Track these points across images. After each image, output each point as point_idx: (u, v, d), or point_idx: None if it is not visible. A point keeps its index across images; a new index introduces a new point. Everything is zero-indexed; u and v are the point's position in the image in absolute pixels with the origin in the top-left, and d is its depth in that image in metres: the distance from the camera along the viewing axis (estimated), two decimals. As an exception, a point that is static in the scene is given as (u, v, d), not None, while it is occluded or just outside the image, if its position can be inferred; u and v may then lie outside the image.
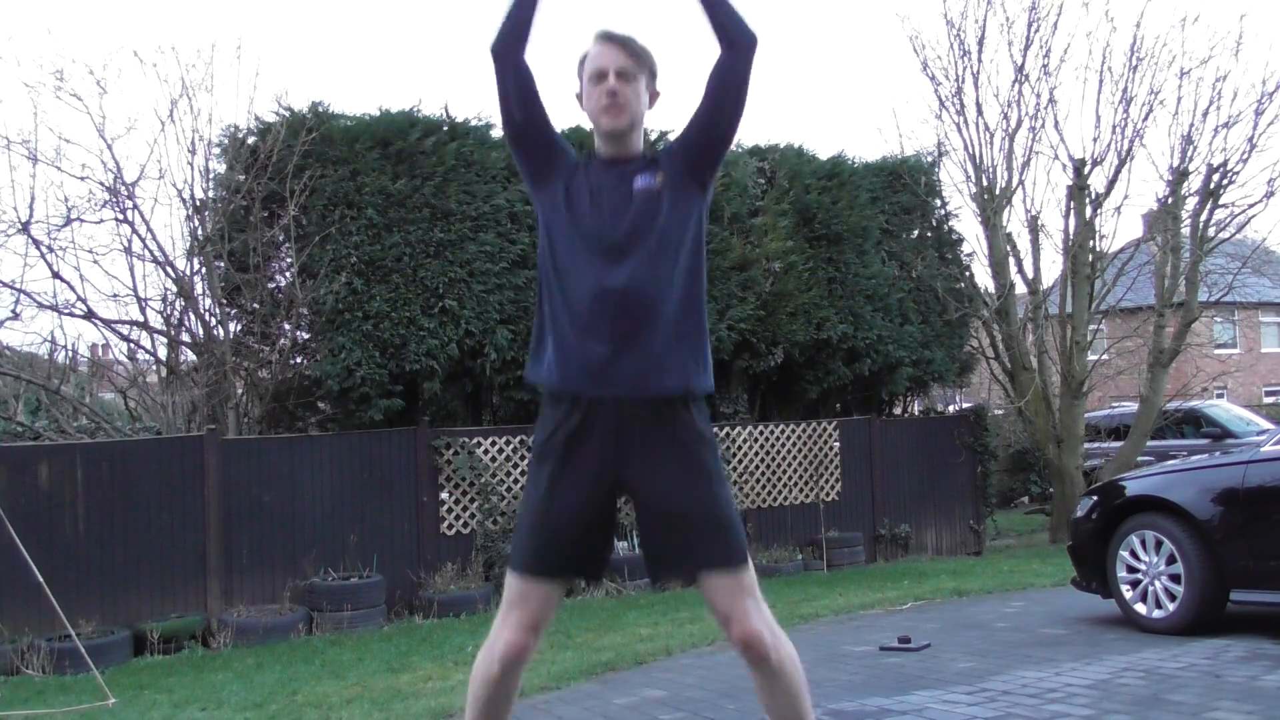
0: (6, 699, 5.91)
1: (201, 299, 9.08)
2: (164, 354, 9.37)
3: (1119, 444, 12.95)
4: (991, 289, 12.61)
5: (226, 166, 9.09)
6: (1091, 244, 12.23)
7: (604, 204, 2.48)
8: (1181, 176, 11.98)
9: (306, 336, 9.24)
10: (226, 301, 9.09)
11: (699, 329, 2.49)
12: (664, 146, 2.62)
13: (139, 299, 8.97)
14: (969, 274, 12.71)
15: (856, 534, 10.86)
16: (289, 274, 9.05)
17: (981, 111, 12.31)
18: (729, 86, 2.48)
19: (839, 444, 11.00)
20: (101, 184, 8.77)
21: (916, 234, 12.30)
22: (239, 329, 9.34)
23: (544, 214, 2.55)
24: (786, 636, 2.44)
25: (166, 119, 8.91)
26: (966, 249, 12.75)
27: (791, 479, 10.66)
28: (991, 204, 12.23)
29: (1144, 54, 11.85)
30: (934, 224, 12.54)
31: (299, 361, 9.26)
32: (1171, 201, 12.10)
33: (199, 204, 9.04)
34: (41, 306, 8.69)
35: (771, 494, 10.51)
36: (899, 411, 12.84)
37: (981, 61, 12.29)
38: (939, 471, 11.74)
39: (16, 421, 8.93)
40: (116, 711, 5.32)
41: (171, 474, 7.87)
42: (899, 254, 11.78)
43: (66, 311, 8.79)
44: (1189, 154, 11.86)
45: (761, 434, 10.49)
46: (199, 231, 9.02)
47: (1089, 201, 12.15)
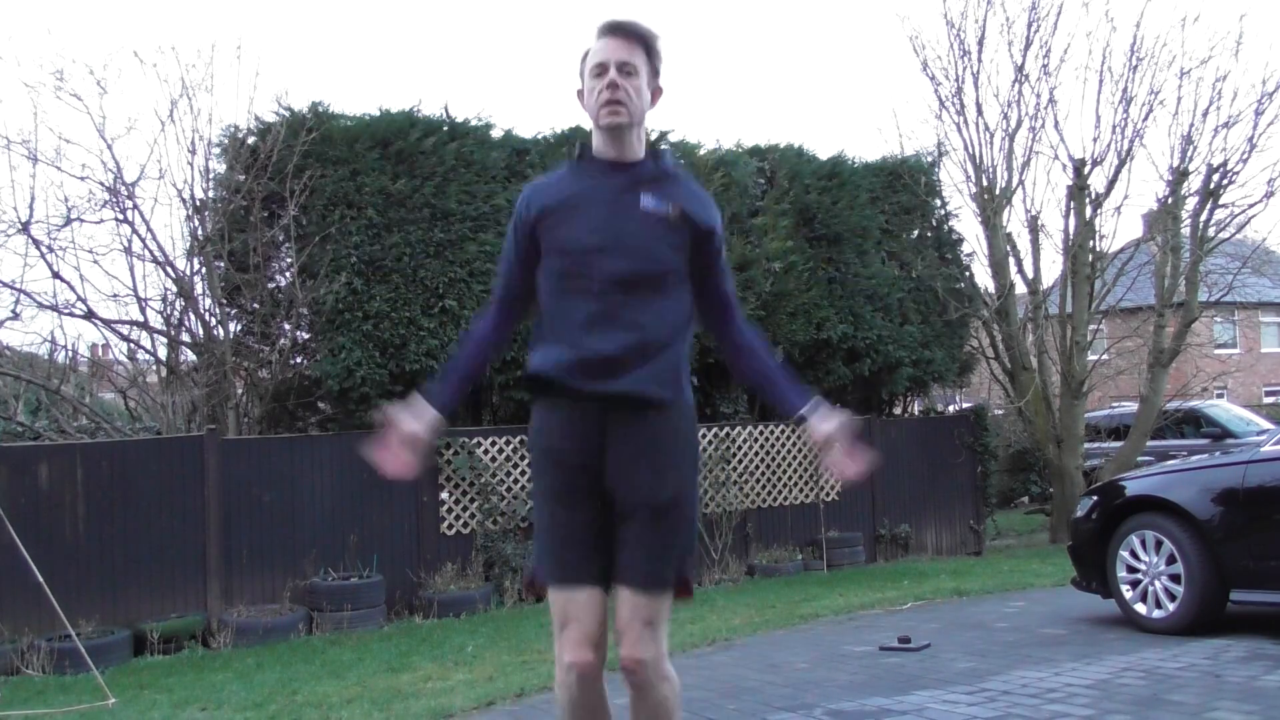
0: (6, 699, 5.91)
1: (201, 299, 9.08)
2: (164, 354, 9.36)
3: (1119, 444, 12.95)
4: (991, 289, 12.61)
5: (226, 166, 9.08)
6: (1091, 244, 12.23)
7: (601, 210, 2.47)
8: (1181, 176, 11.98)
9: (306, 336, 9.23)
10: (226, 301, 9.09)
11: (685, 339, 2.53)
12: (687, 185, 2.56)
13: (139, 299, 8.97)
14: (969, 274, 12.71)
15: (856, 534, 10.86)
16: (289, 274, 9.05)
17: (981, 111, 12.33)
18: (715, 330, 2.63)
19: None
20: (101, 184, 8.77)
21: (916, 234, 12.30)
22: (239, 329, 9.33)
23: (543, 242, 2.59)
24: (673, 672, 2.47)
25: (166, 119, 8.92)
26: (966, 249, 12.77)
27: (791, 479, 10.66)
28: (991, 204, 12.23)
29: (1144, 54, 11.87)
30: (934, 224, 12.54)
31: (299, 361, 9.26)
32: (1171, 201, 12.10)
33: (199, 204, 9.04)
34: (41, 306, 8.69)
35: (771, 494, 10.51)
36: (899, 411, 12.84)
37: (981, 61, 12.31)
38: (939, 471, 11.74)
39: (16, 421, 8.93)
40: (116, 711, 5.32)
41: (171, 474, 7.87)
42: (899, 254, 11.78)
43: (66, 311, 8.79)
44: (1189, 154, 11.87)
45: (761, 434, 10.49)
46: (199, 231, 9.02)
47: (1089, 201, 12.15)
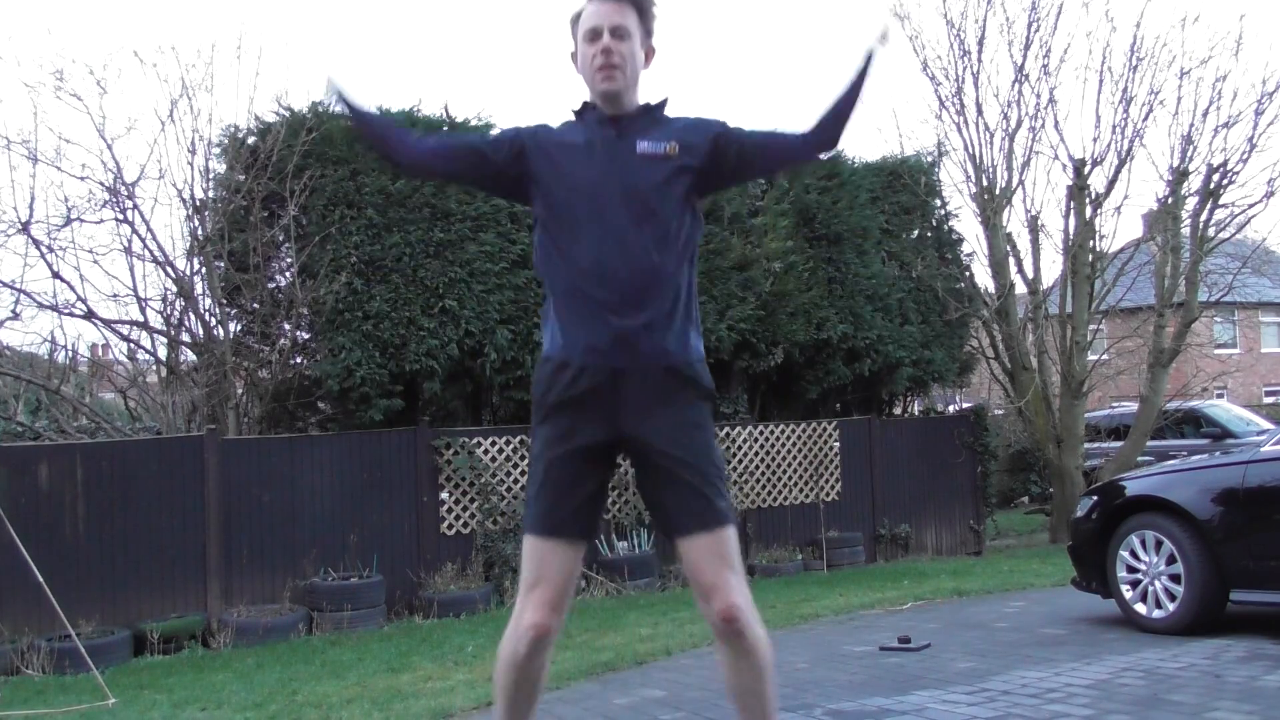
0: (6, 699, 5.91)
1: (201, 299, 9.08)
2: (164, 354, 9.36)
3: (1119, 444, 12.95)
4: (991, 289, 12.60)
5: (226, 166, 9.08)
6: (1091, 244, 12.23)
7: (598, 160, 2.44)
8: (1181, 176, 11.98)
9: (306, 336, 9.24)
10: (226, 301, 9.09)
11: (692, 295, 2.51)
12: (677, 120, 2.53)
13: (139, 299, 8.97)
14: (969, 274, 12.71)
15: (856, 534, 10.86)
16: (289, 274, 9.05)
17: (981, 111, 12.32)
18: (786, 161, 2.60)
19: (839, 444, 11.00)
20: (101, 184, 8.78)
21: (916, 234, 12.31)
22: (239, 329, 9.33)
23: (538, 194, 2.51)
24: (760, 618, 2.45)
25: (166, 119, 8.92)
26: (966, 249, 12.78)
27: (791, 479, 10.66)
28: (991, 204, 12.23)
29: (1144, 54, 11.86)
30: (934, 224, 12.54)
31: (299, 361, 9.26)
32: (1171, 201, 12.10)
33: (199, 204, 9.04)
34: (41, 306, 8.69)
35: (771, 494, 10.51)
36: (899, 411, 12.85)
37: (981, 61, 12.30)
38: (939, 471, 11.74)
39: (16, 421, 8.93)
40: (116, 711, 5.32)
41: (171, 474, 7.87)
42: (899, 254, 11.78)
43: (66, 311, 8.79)
44: (1189, 154, 11.87)
45: (761, 434, 10.49)
46: (199, 231, 9.02)
47: (1089, 201, 12.15)
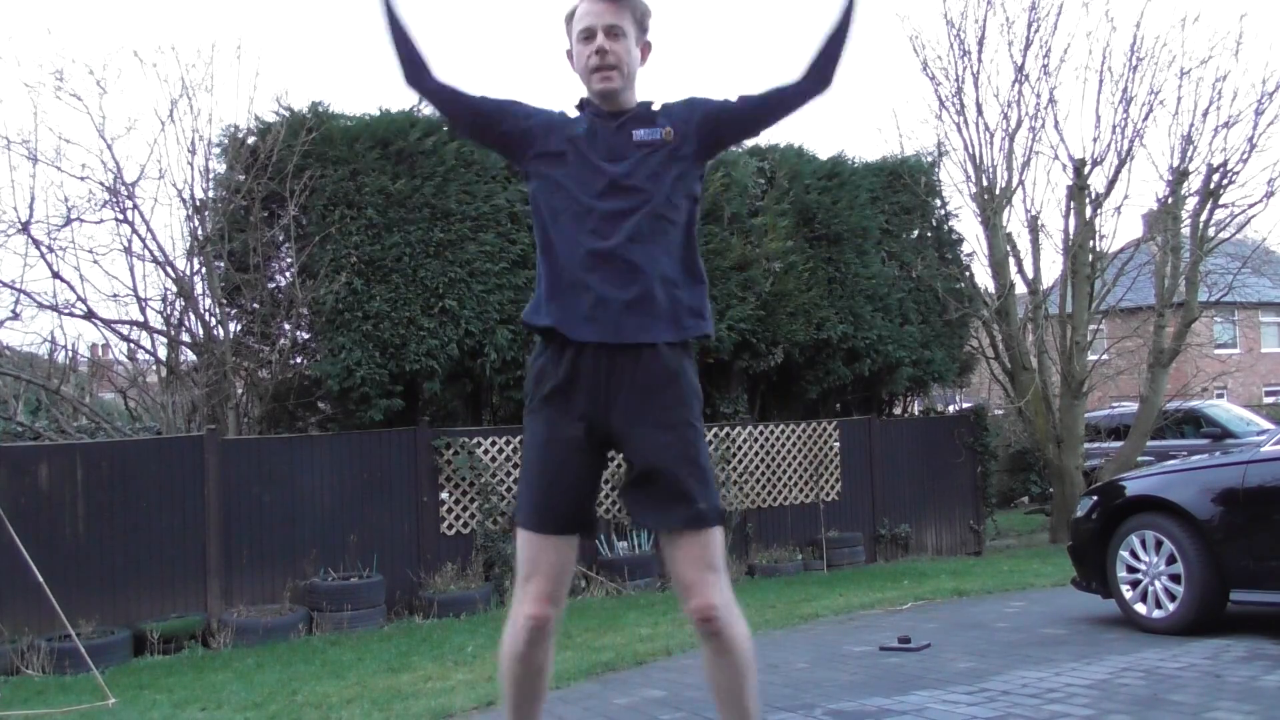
0: (6, 699, 5.91)
1: (201, 299, 9.08)
2: (164, 354, 9.37)
3: (1119, 444, 12.95)
4: (991, 289, 12.60)
5: (226, 166, 9.08)
6: (1091, 244, 12.23)
7: (598, 150, 2.45)
8: (1181, 176, 11.98)
9: (306, 336, 9.24)
10: (226, 301, 9.09)
11: (695, 277, 2.49)
12: (671, 106, 2.56)
13: (139, 299, 8.98)
14: (969, 274, 12.71)
15: (856, 534, 10.86)
16: (289, 274, 9.05)
17: (981, 111, 12.32)
18: (785, 108, 2.55)
19: (839, 444, 11.00)
20: (101, 184, 8.78)
21: (916, 234, 12.30)
22: (239, 329, 9.33)
23: (535, 174, 2.52)
24: (741, 615, 2.45)
25: (166, 119, 8.92)
26: (966, 249, 12.77)
27: (791, 479, 10.65)
28: (991, 204, 12.23)
29: (1144, 54, 11.87)
30: (934, 224, 12.54)
31: (299, 361, 9.26)
32: (1171, 201, 12.10)
33: (199, 204, 9.04)
34: (41, 306, 8.70)
35: (771, 494, 10.51)
36: (899, 411, 12.84)
37: (981, 61, 12.31)
38: (939, 471, 11.74)
39: (16, 421, 8.93)
40: (116, 711, 5.32)
41: (171, 474, 7.87)
42: (899, 254, 11.78)
43: (66, 311, 8.80)
44: (1189, 154, 11.87)
45: (761, 434, 10.49)
46: (199, 231, 9.02)
47: (1089, 201, 12.15)
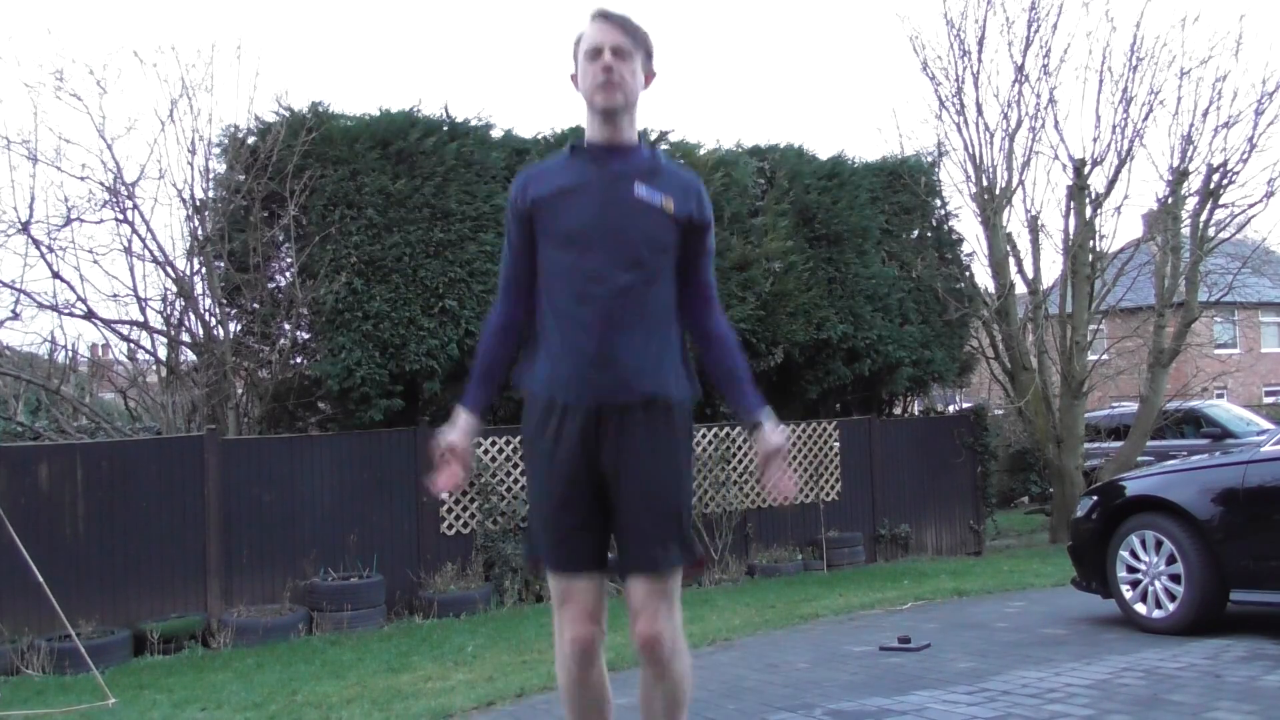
0: (6, 699, 5.91)
1: (201, 299, 9.08)
2: (164, 354, 9.37)
3: (1119, 444, 12.94)
4: (991, 289, 12.60)
5: (226, 166, 9.09)
6: (1091, 244, 12.22)
7: (594, 196, 2.47)
8: (1181, 176, 11.98)
9: (306, 336, 9.24)
10: (226, 301, 9.09)
11: (678, 339, 2.54)
12: (674, 173, 2.57)
13: (139, 299, 8.98)
14: (969, 274, 12.71)
15: (856, 534, 10.86)
16: (289, 274, 9.05)
17: (981, 111, 12.31)
18: (689, 312, 2.60)
19: (839, 444, 11.00)
20: (101, 184, 8.78)
21: (916, 234, 12.30)
22: (239, 329, 9.33)
23: (536, 230, 2.58)
24: (687, 650, 2.51)
25: (166, 119, 8.93)
26: (966, 249, 12.76)
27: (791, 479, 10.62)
28: (991, 204, 12.23)
29: (1144, 54, 11.85)
30: (934, 224, 12.54)
31: (299, 361, 9.26)
32: (1171, 201, 12.09)
33: (199, 204, 9.04)
34: (41, 306, 8.70)
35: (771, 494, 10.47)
36: (899, 411, 12.84)
37: (981, 61, 12.30)
38: (939, 471, 11.74)
39: (16, 421, 8.94)
40: (116, 711, 5.32)
41: (171, 474, 7.87)
42: (899, 254, 11.77)
43: (66, 311, 8.80)
44: (1189, 154, 11.86)
45: (761, 434, 10.46)
46: (199, 231, 9.02)
47: (1089, 201, 12.14)
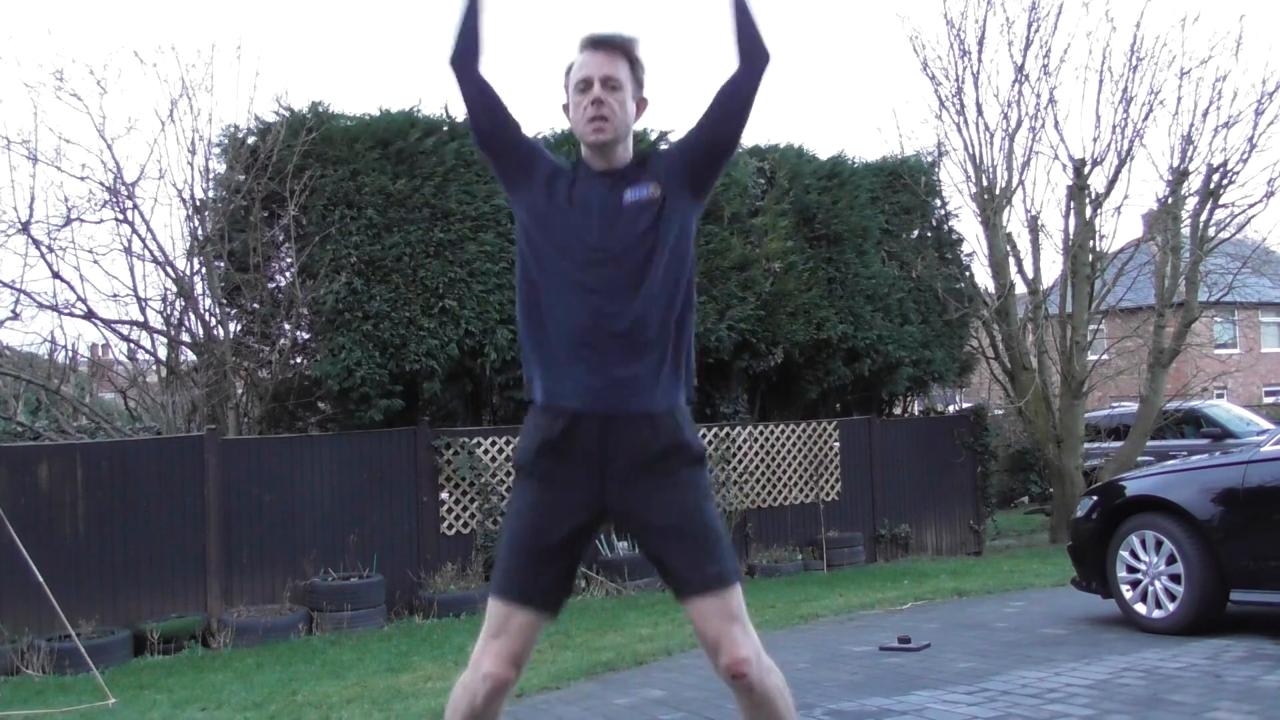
0: (6, 699, 5.91)
1: (201, 299, 9.08)
2: (164, 354, 9.37)
3: (1119, 444, 12.94)
4: (991, 289, 12.60)
5: (226, 166, 9.09)
6: (1091, 244, 12.23)
7: (591, 214, 2.41)
8: (1181, 176, 11.98)
9: (306, 336, 9.24)
10: (226, 301, 9.09)
11: (684, 341, 2.46)
12: (658, 152, 2.54)
13: (139, 299, 8.98)
14: (969, 274, 12.71)
15: (856, 534, 10.86)
16: (289, 274, 9.05)
17: (981, 111, 12.32)
18: (739, 98, 2.46)
19: (839, 444, 11.00)
20: (101, 184, 8.79)
21: (916, 234, 12.30)
22: (239, 329, 9.34)
23: (522, 219, 2.49)
24: (773, 663, 2.40)
25: (166, 119, 8.93)
26: (966, 249, 12.77)
27: (791, 479, 10.65)
28: (991, 204, 12.23)
29: (1144, 54, 11.86)
30: (934, 224, 12.54)
31: (299, 361, 9.27)
32: (1171, 201, 12.10)
33: (199, 204, 9.04)
34: (41, 306, 8.70)
35: (771, 494, 10.51)
36: (899, 411, 12.84)
37: (981, 61, 12.30)
38: (939, 471, 11.74)
39: (16, 421, 8.93)
40: (116, 711, 5.32)
41: (171, 474, 7.87)
42: (899, 254, 11.77)
43: (66, 311, 8.80)
44: (1189, 154, 11.86)
45: (761, 434, 10.49)
46: (199, 231, 9.02)
47: (1089, 201, 12.15)
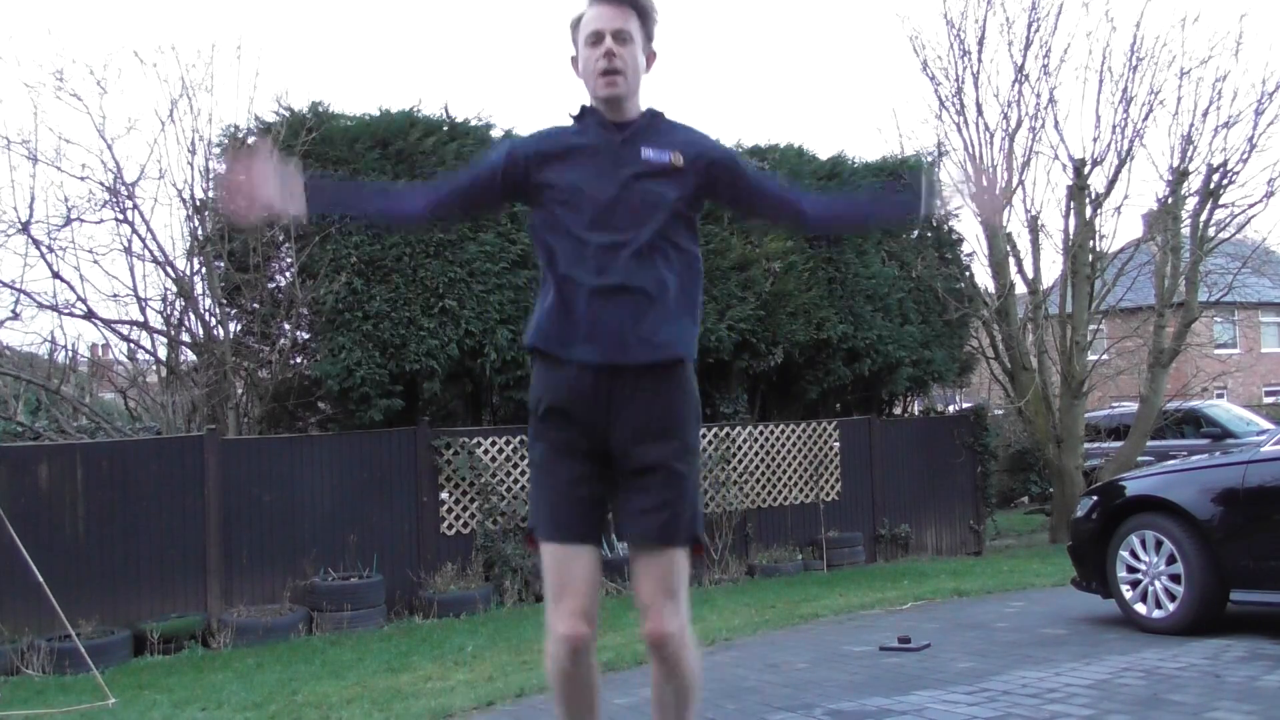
0: (6, 699, 5.91)
1: (201, 299, 9.08)
2: (164, 354, 9.37)
3: (1119, 444, 12.94)
4: (991, 289, 12.60)
5: (226, 167, 9.09)
6: (1091, 244, 12.23)
7: (605, 163, 2.43)
8: (1181, 176, 11.98)
9: (306, 336, 9.24)
10: (226, 301, 9.09)
11: (693, 300, 2.50)
12: (680, 129, 2.53)
13: (139, 299, 8.98)
14: (969, 274, 12.71)
15: (856, 534, 10.86)
16: (289, 274, 9.05)
17: (981, 111, 12.31)
18: (779, 215, 2.76)
19: (839, 444, 11.00)
20: (101, 184, 8.79)
21: (916, 234, 12.30)
22: (239, 329, 9.34)
23: (541, 182, 2.48)
24: (697, 646, 2.52)
25: (166, 119, 8.93)
26: (966, 249, 12.77)
27: (791, 479, 10.65)
28: (991, 204, 12.21)
29: (1144, 54, 11.85)
30: (934, 224, 12.53)
31: (299, 361, 9.26)
32: (1171, 201, 12.10)
33: (199, 204, 9.04)
34: (41, 306, 8.70)
35: (771, 494, 10.51)
36: (899, 411, 12.84)
37: (981, 61, 12.29)
38: (939, 471, 11.74)
39: (16, 421, 8.93)
40: (116, 711, 5.32)
41: (171, 474, 7.87)
42: (899, 254, 11.77)
43: (66, 311, 8.80)
44: (1189, 154, 11.87)
45: (761, 434, 10.49)
46: (199, 231, 9.02)
47: (1089, 201, 12.14)
